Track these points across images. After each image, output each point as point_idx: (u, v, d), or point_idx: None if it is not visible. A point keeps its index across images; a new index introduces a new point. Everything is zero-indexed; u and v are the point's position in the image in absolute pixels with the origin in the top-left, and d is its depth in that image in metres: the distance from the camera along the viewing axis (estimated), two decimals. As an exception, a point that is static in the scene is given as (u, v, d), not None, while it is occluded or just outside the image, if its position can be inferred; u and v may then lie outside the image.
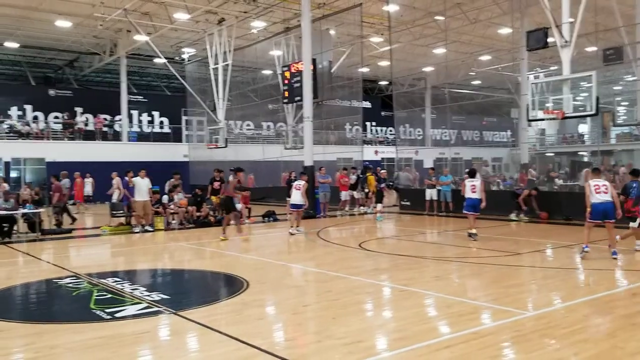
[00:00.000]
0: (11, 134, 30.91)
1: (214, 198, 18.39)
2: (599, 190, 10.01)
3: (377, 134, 45.68)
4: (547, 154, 41.21)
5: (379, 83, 44.26)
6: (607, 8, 22.59)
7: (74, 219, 17.98)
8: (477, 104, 43.38)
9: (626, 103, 32.14)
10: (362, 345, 5.51)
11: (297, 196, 15.15)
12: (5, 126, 31.21)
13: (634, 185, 10.79)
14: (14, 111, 32.48)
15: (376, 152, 40.15)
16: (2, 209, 14.42)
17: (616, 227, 10.32)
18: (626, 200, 10.86)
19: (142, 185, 15.65)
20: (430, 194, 19.93)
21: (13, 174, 28.90)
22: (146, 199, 15.77)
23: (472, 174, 13.58)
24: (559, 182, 25.85)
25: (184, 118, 36.19)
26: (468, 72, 38.51)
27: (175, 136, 36.02)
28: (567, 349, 5.25)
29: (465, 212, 13.35)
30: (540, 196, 17.08)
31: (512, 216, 17.24)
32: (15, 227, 14.75)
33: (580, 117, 23.28)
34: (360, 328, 6.14)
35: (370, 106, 43.04)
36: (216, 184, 18.74)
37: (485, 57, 35.73)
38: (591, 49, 26.65)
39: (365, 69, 33.32)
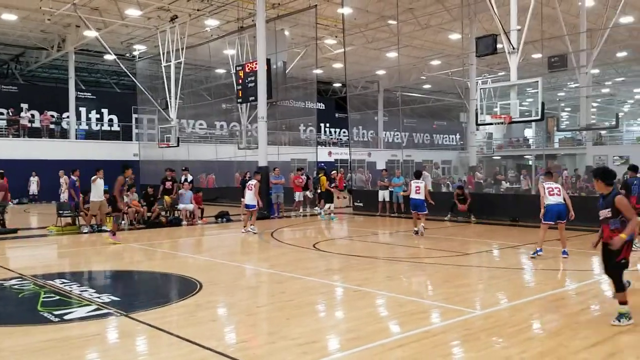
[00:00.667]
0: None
1: (166, 198, 18.14)
2: (552, 193, 10.40)
3: (331, 135, 45.94)
4: (494, 157, 42.46)
5: (333, 85, 44.55)
6: (553, 17, 23.50)
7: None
8: (428, 108, 44.34)
9: (569, 109, 33.53)
10: (316, 346, 5.55)
11: (250, 196, 15.12)
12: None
13: (635, 182, 11.20)
14: (-47, 106, 31.14)
15: (330, 153, 40.39)
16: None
17: (566, 228, 10.75)
18: (629, 197, 11.38)
19: (100, 185, 15.39)
20: (383, 195, 20.21)
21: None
22: (102, 199, 15.52)
23: (417, 176, 14.12)
24: (505, 184, 26.68)
25: (134, 116, 35.42)
26: (419, 76, 39.29)
27: (125, 135, 35.21)
28: (514, 347, 5.42)
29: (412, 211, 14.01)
30: (466, 196, 17.63)
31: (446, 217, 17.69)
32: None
33: (526, 122, 24.08)
34: (314, 328, 6.18)
35: (324, 108, 43.26)
36: (168, 184, 18.51)
37: (436, 62, 36.53)
38: (537, 56, 27.64)
39: (319, 71, 33.50)
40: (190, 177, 19.07)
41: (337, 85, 44.00)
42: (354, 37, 29.12)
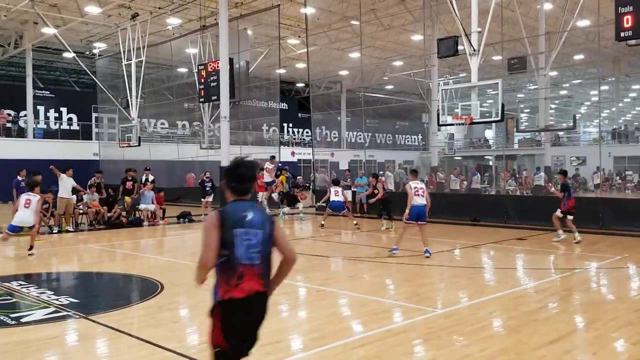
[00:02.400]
0: None
1: (127, 198, 17.83)
2: (418, 193, 10.61)
3: (294, 135, 45.92)
4: (455, 158, 43.22)
5: (296, 85, 44.52)
6: (512, 19, 24.00)
7: None
8: (391, 108, 44.76)
9: (528, 110, 34.28)
10: (280, 346, 5.55)
11: None
12: None
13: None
14: None
15: (293, 153, 40.36)
16: None
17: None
18: (570, 199, 12.29)
19: (67, 183, 15.27)
20: (346, 195, 20.26)
21: None
22: (69, 197, 15.31)
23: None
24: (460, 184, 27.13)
25: (94, 115, 34.65)
26: (382, 76, 39.62)
27: (84, 134, 34.38)
28: (475, 345, 5.52)
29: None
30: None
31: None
32: None
33: (486, 123, 24.53)
34: (278, 328, 6.17)
35: (287, 108, 43.21)
36: (129, 184, 18.18)
37: (398, 63, 36.89)
38: (497, 57, 28.21)
39: (282, 71, 33.40)
40: (152, 177, 18.78)
41: (300, 85, 43.99)
42: (317, 37, 29.18)
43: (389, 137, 49.46)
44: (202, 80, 21.66)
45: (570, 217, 12.52)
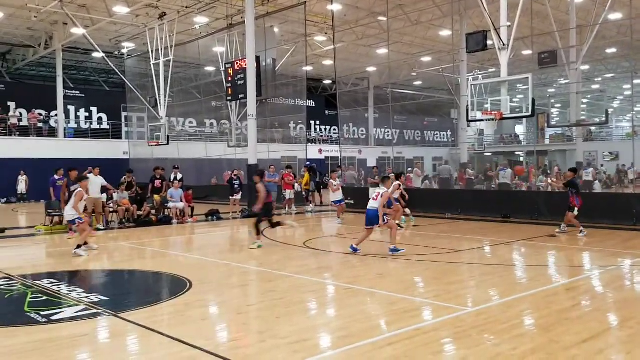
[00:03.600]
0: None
1: (156, 196, 18.03)
2: (375, 198, 10.84)
3: (321, 132, 45.89)
4: (485, 154, 42.63)
5: (323, 82, 44.47)
6: (542, 13, 23.55)
7: None
8: (419, 105, 44.39)
9: (559, 105, 33.59)
10: (307, 344, 5.51)
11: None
12: None
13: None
14: (-58, 105, 30.79)
15: (320, 150, 40.35)
16: None
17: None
18: (579, 196, 12.77)
19: (95, 182, 15.38)
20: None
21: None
22: (97, 196, 15.47)
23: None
24: (497, 181, 26.72)
25: (123, 114, 35.20)
26: (410, 72, 39.31)
27: (114, 133, 34.97)
28: (506, 344, 5.40)
29: None
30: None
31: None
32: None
33: (516, 119, 24.12)
34: (305, 327, 6.14)
35: (314, 105, 43.19)
36: (157, 182, 18.40)
37: (427, 59, 36.55)
38: (527, 52, 27.73)
39: (309, 68, 33.43)
40: (180, 175, 18.95)
41: (327, 82, 43.93)
42: (344, 33, 29.09)
43: (418, 134, 49.07)
44: (230, 79, 21.78)
45: (575, 213, 12.80)
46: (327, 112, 44.86)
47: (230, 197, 19.71)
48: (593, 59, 33.23)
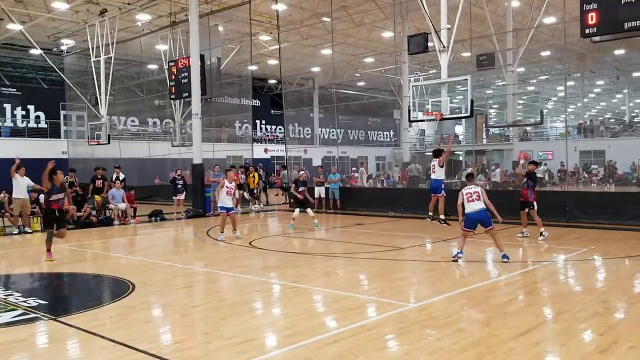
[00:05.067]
0: None
1: (96, 197, 17.56)
2: (472, 199, 9.81)
3: (267, 132, 45.78)
4: (426, 153, 43.52)
5: (269, 81, 44.35)
6: (481, 16, 24.33)
7: None
8: (362, 105, 44.93)
9: (497, 106, 34.82)
10: (253, 344, 5.55)
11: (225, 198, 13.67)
12: None
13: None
14: None
15: (266, 150, 40.25)
16: None
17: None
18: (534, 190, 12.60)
19: (22, 183, 14.85)
20: (319, 191, 20.35)
21: None
22: (25, 197, 14.87)
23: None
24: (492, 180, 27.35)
25: (62, 113, 34.00)
26: (354, 73, 39.74)
27: (52, 132, 33.72)
28: (447, 338, 5.60)
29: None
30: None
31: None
32: None
33: (456, 119, 24.82)
34: (251, 327, 6.17)
35: (259, 104, 43.02)
36: (98, 182, 17.94)
37: (370, 60, 37.04)
38: (466, 54, 28.56)
39: (254, 67, 33.27)
40: (122, 175, 18.53)
41: (272, 81, 43.83)
42: (289, 33, 29.11)
43: (362, 134, 49.64)
44: (173, 77, 21.43)
45: (535, 208, 12.66)
46: (272, 111, 44.75)
47: (174, 197, 19.43)
48: (528, 61, 34.55)
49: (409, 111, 15.14)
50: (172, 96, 22.17)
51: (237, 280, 8.70)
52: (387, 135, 51.66)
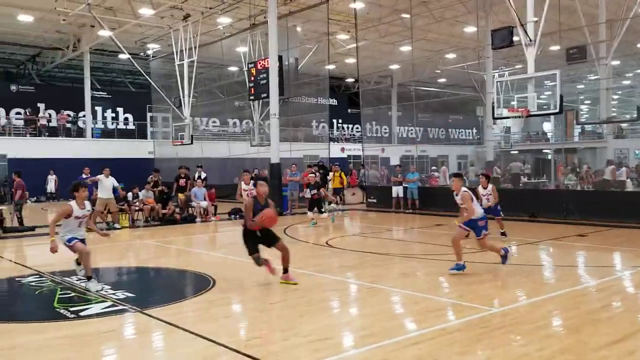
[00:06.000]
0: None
1: (180, 195, 18.18)
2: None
3: (344, 131, 45.81)
4: (512, 152, 41.99)
5: (346, 80, 44.34)
6: (570, 7, 23.08)
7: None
8: (443, 102, 43.94)
9: (589, 102, 32.96)
10: (329, 343, 5.48)
11: None
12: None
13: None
14: (-27, 107, 31.54)
15: (343, 149, 40.26)
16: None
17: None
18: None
19: (107, 184, 15.55)
20: (397, 191, 20.06)
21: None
22: (109, 196, 15.60)
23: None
24: (524, 179, 26.37)
25: (148, 114, 35.60)
26: (434, 70, 38.91)
27: (140, 133, 35.42)
28: (532, 344, 5.29)
29: None
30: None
31: None
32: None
33: (544, 115, 23.69)
34: (327, 325, 6.11)
35: (336, 104, 43.11)
36: (182, 181, 18.55)
37: (451, 55, 36.14)
38: (555, 48, 27.23)
39: (332, 66, 33.33)
40: (204, 174, 19.08)
41: (349, 80, 43.79)
42: (367, 31, 28.90)
43: (442, 132, 48.60)
44: (252, 79, 21.84)
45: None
46: (349, 110, 44.72)
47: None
48: (624, 54, 32.41)
49: (493, 108, 14.64)
50: (251, 97, 22.59)
51: (314, 278, 8.67)
52: (469, 133, 50.30)
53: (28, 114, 32.33)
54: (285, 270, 8.21)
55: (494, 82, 15.82)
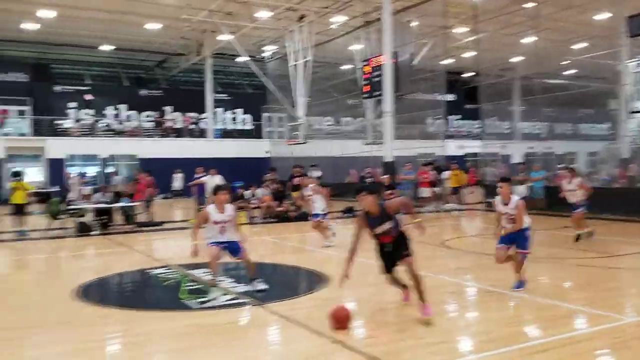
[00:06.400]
0: (107, 132, 32.88)
1: (294, 194, 18.55)
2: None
3: (461, 127, 44.46)
4: (650, 149, 38.32)
5: (463, 75, 43.00)
6: None
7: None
8: (571, 95, 41.01)
9: None
10: (446, 346, 5.32)
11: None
12: (102, 125, 33.21)
13: None
14: (109, 111, 34.52)
15: (460, 146, 39.08)
16: (101, 203, 15.39)
17: None
18: None
19: (211, 183, 16.23)
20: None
21: (108, 170, 30.66)
22: None
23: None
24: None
25: (265, 115, 36.84)
26: (561, 61, 36.50)
27: (257, 133, 36.79)
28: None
29: None
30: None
31: None
32: (112, 220, 15.76)
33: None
34: (444, 328, 5.92)
35: (453, 99, 41.93)
36: (296, 180, 18.92)
37: (580, 45, 33.72)
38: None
39: (448, 61, 32.47)
40: (319, 173, 19.33)
41: (466, 75, 42.39)
42: (487, 23, 27.77)
43: (569, 127, 45.59)
44: (366, 76, 21.82)
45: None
46: (467, 106, 43.30)
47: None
48: None
49: (629, 100, 13.47)
50: (365, 95, 22.57)
51: (430, 280, 8.43)
52: (600, 128, 46.74)
53: (157, 116, 34.79)
54: (420, 299, 6.23)
55: (629, 72, 14.56)
